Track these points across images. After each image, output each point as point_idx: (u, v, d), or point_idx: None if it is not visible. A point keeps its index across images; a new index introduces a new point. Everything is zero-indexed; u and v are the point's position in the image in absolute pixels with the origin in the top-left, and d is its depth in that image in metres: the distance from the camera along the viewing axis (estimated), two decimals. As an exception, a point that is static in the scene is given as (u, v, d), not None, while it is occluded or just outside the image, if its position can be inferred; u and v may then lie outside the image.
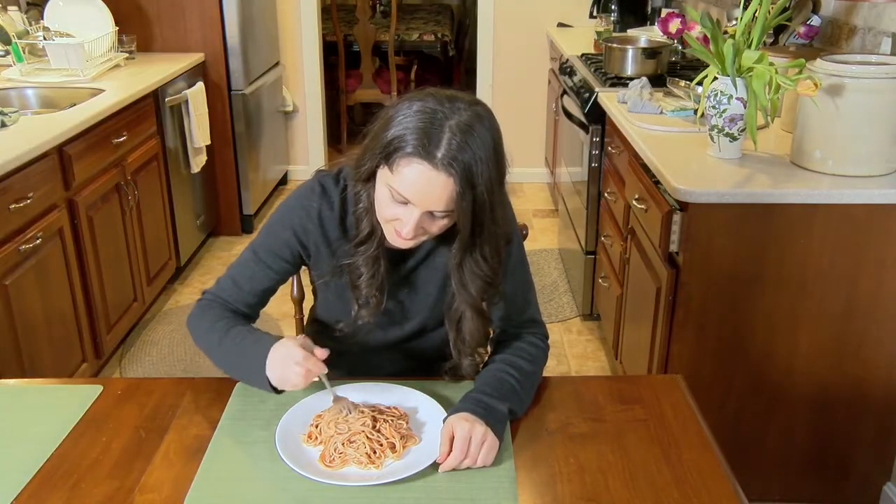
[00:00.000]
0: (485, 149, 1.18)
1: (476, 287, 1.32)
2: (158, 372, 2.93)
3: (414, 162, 1.17)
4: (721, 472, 1.17)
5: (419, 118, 1.18)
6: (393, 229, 1.27)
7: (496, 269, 1.32)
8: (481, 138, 1.18)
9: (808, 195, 1.89)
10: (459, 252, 1.30)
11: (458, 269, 1.32)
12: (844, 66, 1.88)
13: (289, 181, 4.94)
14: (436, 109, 1.18)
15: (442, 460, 1.17)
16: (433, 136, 1.16)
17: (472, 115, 1.19)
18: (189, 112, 3.50)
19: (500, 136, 1.24)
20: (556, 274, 3.74)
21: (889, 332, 2.01)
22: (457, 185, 1.17)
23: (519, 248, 1.46)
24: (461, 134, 1.16)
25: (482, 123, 1.20)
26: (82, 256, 2.61)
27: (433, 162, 1.16)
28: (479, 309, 1.36)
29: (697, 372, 2.06)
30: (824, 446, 2.15)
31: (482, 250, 1.29)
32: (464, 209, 1.19)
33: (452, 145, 1.16)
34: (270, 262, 1.40)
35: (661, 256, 2.07)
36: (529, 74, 4.79)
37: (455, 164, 1.16)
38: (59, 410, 1.31)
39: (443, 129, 1.17)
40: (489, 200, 1.21)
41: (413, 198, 1.19)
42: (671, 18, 3.05)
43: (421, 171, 1.17)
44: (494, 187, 1.21)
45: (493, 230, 1.27)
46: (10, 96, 3.04)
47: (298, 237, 1.38)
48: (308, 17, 4.69)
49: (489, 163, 1.19)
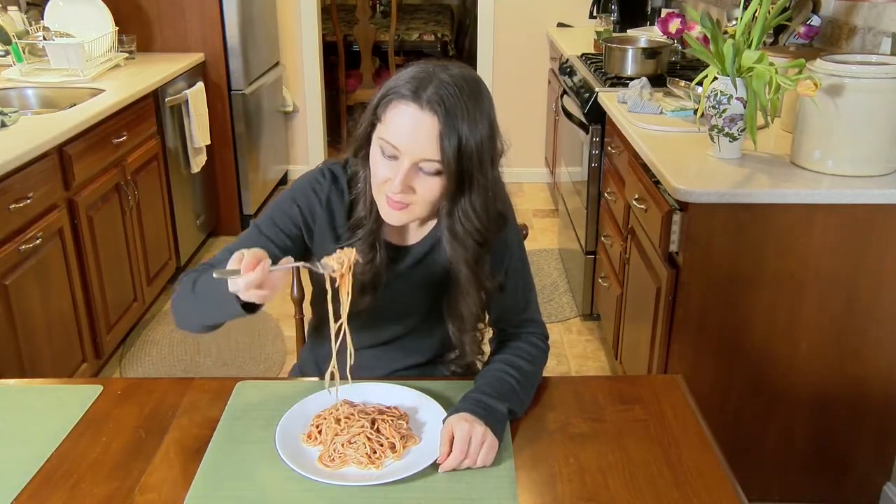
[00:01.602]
0: (473, 102, 1.21)
1: (469, 243, 1.32)
2: (158, 372, 2.93)
3: (401, 104, 1.21)
4: (721, 472, 1.17)
5: (408, 72, 1.24)
6: (384, 199, 1.27)
7: (487, 227, 1.31)
8: (470, 92, 1.22)
9: (808, 195, 1.89)
10: (449, 202, 1.29)
11: (448, 218, 1.32)
12: (844, 66, 1.88)
13: (289, 181, 4.93)
14: (428, 66, 1.25)
15: (442, 461, 1.17)
16: (423, 82, 1.21)
17: (463, 73, 1.24)
18: (189, 112, 3.50)
19: (492, 102, 1.27)
20: (556, 274, 3.74)
21: (889, 332, 2.01)
22: (440, 124, 1.19)
23: (520, 247, 1.46)
24: (452, 83, 1.21)
25: (473, 82, 1.24)
26: (82, 256, 2.61)
27: (419, 102, 1.20)
28: (473, 269, 1.34)
29: (697, 372, 2.06)
30: (824, 446, 2.15)
31: (472, 200, 1.28)
32: (447, 152, 1.20)
33: (441, 90, 1.20)
34: (271, 234, 1.37)
35: (661, 256, 2.07)
36: (529, 74, 4.79)
37: (440, 104, 1.19)
38: (59, 410, 1.31)
39: (432, 77, 1.22)
40: (477, 152, 1.22)
41: (400, 142, 1.21)
42: (671, 18, 3.05)
43: (407, 112, 1.21)
44: (485, 144, 1.23)
45: (483, 183, 1.27)
46: (10, 96, 3.04)
47: (304, 216, 1.38)
48: (308, 17, 4.69)
49: (476, 115, 1.21)
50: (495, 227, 1.34)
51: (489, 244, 1.34)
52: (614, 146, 2.76)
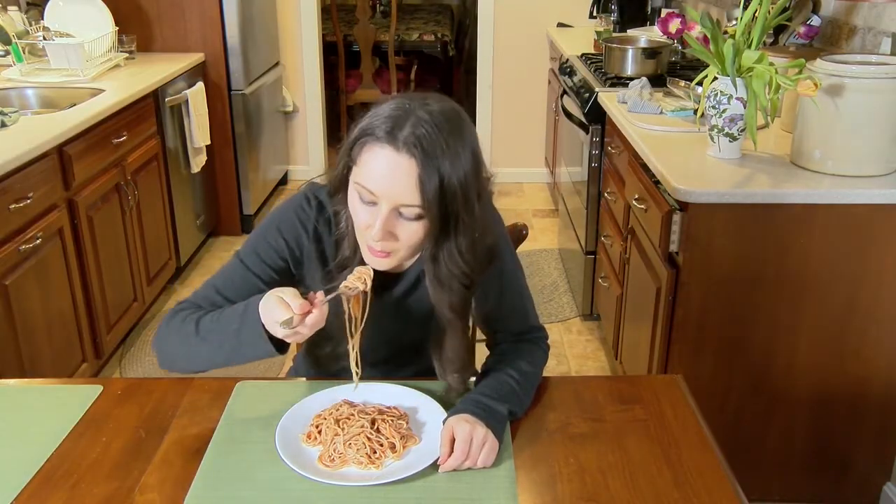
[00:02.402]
0: (454, 137, 1.14)
1: (455, 287, 1.26)
2: (158, 372, 2.92)
3: (376, 147, 1.14)
4: (721, 472, 1.17)
5: (384, 110, 1.16)
6: (367, 245, 1.22)
7: (473, 268, 1.25)
8: (450, 128, 1.14)
9: (808, 195, 1.89)
10: (433, 245, 1.23)
11: (432, 262, 1.25)
12: (844, 66, 1.88)
13: (289, 181, 4.94)
14: (404, 102, 1.16)
15: (442, 461, 1.17)
16: (398, 121, 1.13)
17: (441, 107, 1.16)
18: (189, 112, 3.50)
19: (474, 133, 1.20)
20: (556, 274, 3.74)
21: (889, 332, 2.01)
22: (418, 167, 1.11)
23: (513, 266, 1.42)
24: (429, 120, 1.13)
25: (453, 115, 1.16)
26: (82, 256, 2.61)
27: (395, 144, 1.12)
28: (458, 313, 1.29)
29: (697, 372, 2.06)
30: (824, 446, 2.15)
31: (457, 242, 1.22)
32: (428, 195, 1.13)
33: (418, 129, 1.12)
34: (258, 270, 1.32)
35: (661, 256, 2.07)
36: (529, 74, 4.79)
37: (417, 145, 1.11)
38: (59, 410, 1.31)
39: (409, 116, 1.14)
40: (461, 190, 1.15)
41: (377, 188, 1.14)
42: (671, 18, 3.05)
43: (384, 156, 1.13)
44: (469, 180, 1.16)
45: (469, 223, 1.20)
46: (10, 96, 3.04)
47: (291, 248, 1.33)
48: (308, 17, 4.69)
49: (458, 149, 1.14)
50: (483, 265, 1.28)
51: (476, 285, 1.29)
52: (614, 146, 2.76)
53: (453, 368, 1.31)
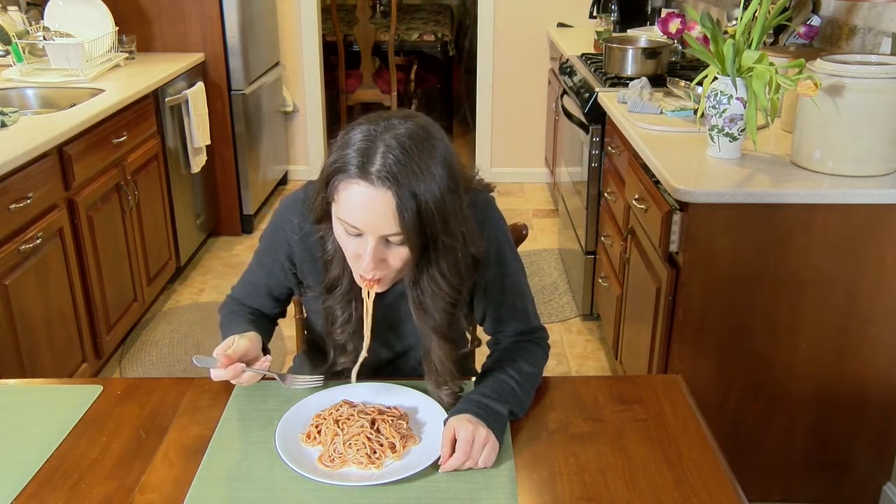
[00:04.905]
0: (425, 156, 1.13)
1: (438, 309, 1.27)
2: (158, 372, 2.93)
3: (352, 184, 1.13)
4: (721, 472, 1.17)
5: (353, 141, 1.14)
6: (359, 275, 1.23)
7: (457, 287, 1.26)
8: (420, 147, 1.13)
9: (808, 195, 1.89)
10: (413, 270, 1.23)
11: (414, 288, 1.26)
12: (844, 66, 1.87)
13: (289, 181, 4.94)
14: (369, 129, 1.14)
15: (443, 462, 1.17)
16: (368, 154, 1.12)
17: (408, 128, 1.14)
18: (189, 112, 3.50)
19: (447, 145, 1.19)
20: (556, 274, 3.74)
21: (889, 332, 2.01)
22: (395, 198, 1.11)
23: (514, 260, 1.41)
24: (397, 147, 1.12)
25: (419, 134, 1.14)
26: (82, 256, 2.61)
27: (368, 179, 1.11)
28: (444, 334, 1.29)
29: (697, 372, 2.06)
30: (824, 446, 2.15)
31: (439, 265, 1.22)
32: (408, 222, 1.12)
33: (388, 159, 1.11)
34: (273, 270, 1.44)
35: (661, 256, 2.07)
36: (529, 74, 4.79)
37: (391, 176, 1.10)
38: (59, 410, 1.31)
39: (376, 145, 1.12)
40: (438, 211, 1.14)
41: (359, 222, 1.15)
42: (671, 18, 3.05)
43: (360, 192, 1.13)
44: (445, 197, 1.15)
45: (448, 244, 1.19)
46: (10, 96, 3.04)
47: (289, 255, 1.40)
48: (308, 17, 4.69)
49: (431, 166, 1.13)
50: (468, 277, 1.29)
51: (462, 300, 1.30)
52: (614, 146, 2.76)
53: (442, 380, 1.32)
